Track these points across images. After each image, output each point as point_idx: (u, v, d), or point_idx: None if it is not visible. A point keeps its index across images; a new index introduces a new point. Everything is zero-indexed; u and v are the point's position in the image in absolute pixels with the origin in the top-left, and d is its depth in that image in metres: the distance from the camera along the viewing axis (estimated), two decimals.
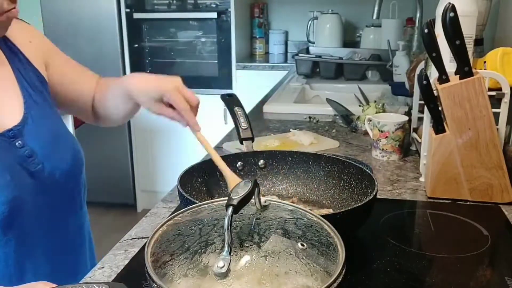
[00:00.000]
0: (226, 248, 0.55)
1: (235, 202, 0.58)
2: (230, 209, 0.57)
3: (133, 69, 3.48)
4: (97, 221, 3.45)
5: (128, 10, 3.38)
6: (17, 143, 0.94)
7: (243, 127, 1.15)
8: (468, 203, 1.12)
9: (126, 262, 0.88)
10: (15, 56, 1.02)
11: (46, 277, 0.91)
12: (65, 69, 1.16)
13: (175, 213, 0.67)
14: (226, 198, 0.60)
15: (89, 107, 1.20)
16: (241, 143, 1.14)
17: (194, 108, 1.05)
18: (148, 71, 3.51)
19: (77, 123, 2.61)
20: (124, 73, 3.48)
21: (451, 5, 1.02)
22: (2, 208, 0.88)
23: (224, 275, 0.54)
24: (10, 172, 0.91)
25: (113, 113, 1.20)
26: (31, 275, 0.96)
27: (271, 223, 0.63)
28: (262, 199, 0.67)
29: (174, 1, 3.40)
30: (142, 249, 0.92)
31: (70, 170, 1.02)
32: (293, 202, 1.02)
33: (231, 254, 0.55)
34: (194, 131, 1.03)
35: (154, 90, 1.05)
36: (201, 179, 1.01)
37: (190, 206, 0.69)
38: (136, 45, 3.47)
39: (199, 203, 0.69)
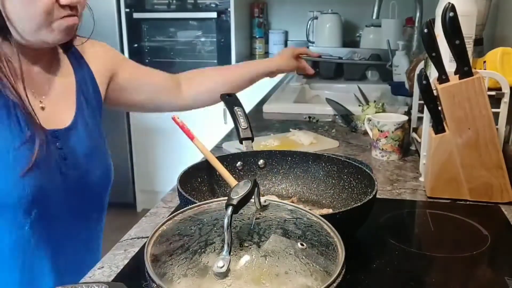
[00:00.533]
0: (225, 248, 0.55)
1: (234, 202, 0.58)
2: (230, 209, 0.57)
3: None
4: None
5: (127, 9, 3.38)
6: (57, 143, 1.05)
7: (243, 127, 1.15)
8: (467, 202, 1.12)
9: (126, 262, 0.88)
10: (81, 70, 1.15)
11: (55, 273, 1.06)
12: (136, 71, 1.34)
13: (175, 213, 0.67)
14: (226, 198, 0.60)
15: (172, 98, 1.40)
16: (241, 143, 1.14)
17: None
18: None
19: None
20: None
21: (450, 5, 1.02)
22: (27, 191, 0.97)
23: (224, 275, 0.54)
24: (44, 163, 1.00)
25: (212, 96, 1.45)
26: (42, 268, 1.05)
27: (270, 223, 0.63)
28: (262, 198, 0.67)
29: (174, 1, 3.40)
30: (142, 249, 0.92)
31: (97, 183, 1.14)
32: (292, 202, 1.03)
33: (231, 254, 0.55)
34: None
35: (288, 53, 1.58)
36: (200, 179, 1.01)
37: (190, 206, 0.69)
38: (136, 45, 3.47)
39: (199, 203, 0.69)
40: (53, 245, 1.06)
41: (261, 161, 1.08)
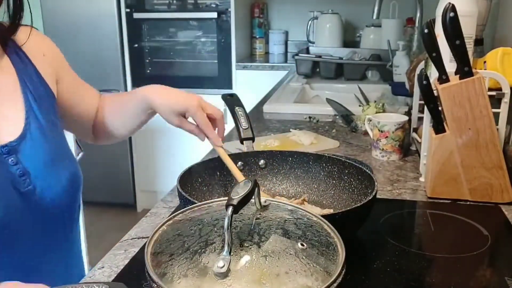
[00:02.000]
0: (226, 248, 0.55)
1: (235, 202, 0.58)
2: (230, 209, 0.57)
3: (133, 69, 3.48)
4: (97, 220, 3.46)
5: (128, 10, 3.39)
6: (10, 160, 0.88)
7: (244, 127, 1.15)
8: (468, 203, 1.12)
9: (126, 262, 0.88)
10: (25, 68, 0.98)
11: None
12: (74, 87, 1.13)
13: (175, 213, 0.67)
14: (226, 198, 0.60)
15: (91, 125, 1.19)
16: (242, 143, 1.14)
17: (219, 121, 1.09)
18: (148, 71, 3.52)
19: None
20: (124, 72, 3.48)
21: (451, 5, 1.02)
22: None
23: (224, 275, 0.54)
24: None
25: (118, 129, 1.19)
26: None
27: (271, 223, 0.63)
28: (262, 199, 0.67)
29: (174, 1, 3.40)
30: (142, 249, 0.92)
31: (63, 193, 0.96)
32: (304, 201, 1.03)
33: (231, 254, 0.55)
34: (215, 146, 1.05)
35: (178, 104, 1.06)
36: (201, 179, 1.01)
37: (190, 206, 0.69)
38: (136, 45, 3.47)
39: (199, 203, 0.69)
40: (24, 272, 0.91)
41: (261, 162, 1.08)
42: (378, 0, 2.27)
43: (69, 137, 2.45)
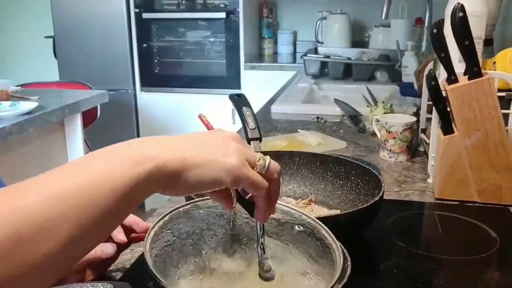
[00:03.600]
0: (259, 252, 0.54)
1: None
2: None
3: (142, 69, 3.49)
4: None
5: (137, 10, 3.40)
6: None
7: (251, 127, 1.14)
8: (476, 204, 1.11)
9: (133, 261, 0.88)
10: None
11: None
12: None
13: (169, 211, 0.66)
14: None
15: None
16: (249, 143, 1.14)
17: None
18: (157, 70, 3.52)
19: (86, 123, 2.62)
20: (133, 72, 3.49)
21: (460, 5, 1.01)
22: None
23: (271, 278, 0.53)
24: None
25: None
26: None
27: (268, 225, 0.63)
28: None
29: (183, 1, 3.41)
30: None
31: None
32: (310, 202, 1.02)
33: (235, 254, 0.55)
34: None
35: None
36: None
37: (181, 204, 0.68)
38: (145, 45, 3.48)
39: (189, 201, 0.69)
40: None
41: None
42: (387, 0, 2.26)
43: (78, 135, 2.47)
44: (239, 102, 1.21)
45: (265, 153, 1.09)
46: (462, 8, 1.01)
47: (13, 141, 2.03)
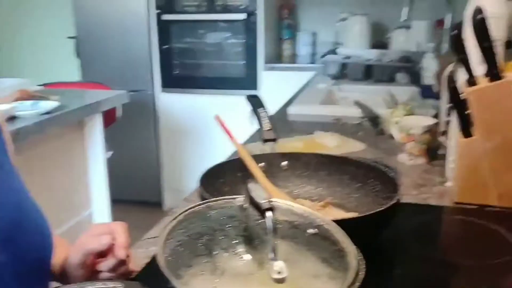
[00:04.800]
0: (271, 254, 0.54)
1: (270, 205, 0.57)
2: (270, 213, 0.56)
3: (162, 70, 3.52)
4: (123, 218, 3.49)
5: (157, 11, 3.42)
6: None
7: (266, 128, 1.14)
8: (495, 209, 1.09)
9: (147, 260, 0.89)
10: None
11: None
12: None
13: (182, 211, 0.66)
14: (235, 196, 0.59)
15: None
16: (264, 143, 1.14)
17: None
18: (177, 72, 3.54)
19: (107, 123, 2.64)
20: (152, 74, 3.51)
21: (480, 7, 1.00)
22: None
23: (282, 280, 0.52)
24: None
25: None
26: None
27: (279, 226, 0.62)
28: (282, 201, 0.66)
29: (203, 3, 3.42)
30: None
31: (33, 263, 0.76)
32: (326, 204, 1.01)
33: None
34: None
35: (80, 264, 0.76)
36: (222, 180, 1.01)
37: (193, 205, 0.68)
38: (165, 46, 3.50)
39: (202, 202, 0.69)
40: None
41: (284, 163, 1.07)
42: (408, 1, 2.24)
43: (98, 136, 2.49)
44: (255, 103, 1.22)
45: (282, 154, 1.09)
46: (482, 10, 1.00)
47: (33, 140, 2.06)
